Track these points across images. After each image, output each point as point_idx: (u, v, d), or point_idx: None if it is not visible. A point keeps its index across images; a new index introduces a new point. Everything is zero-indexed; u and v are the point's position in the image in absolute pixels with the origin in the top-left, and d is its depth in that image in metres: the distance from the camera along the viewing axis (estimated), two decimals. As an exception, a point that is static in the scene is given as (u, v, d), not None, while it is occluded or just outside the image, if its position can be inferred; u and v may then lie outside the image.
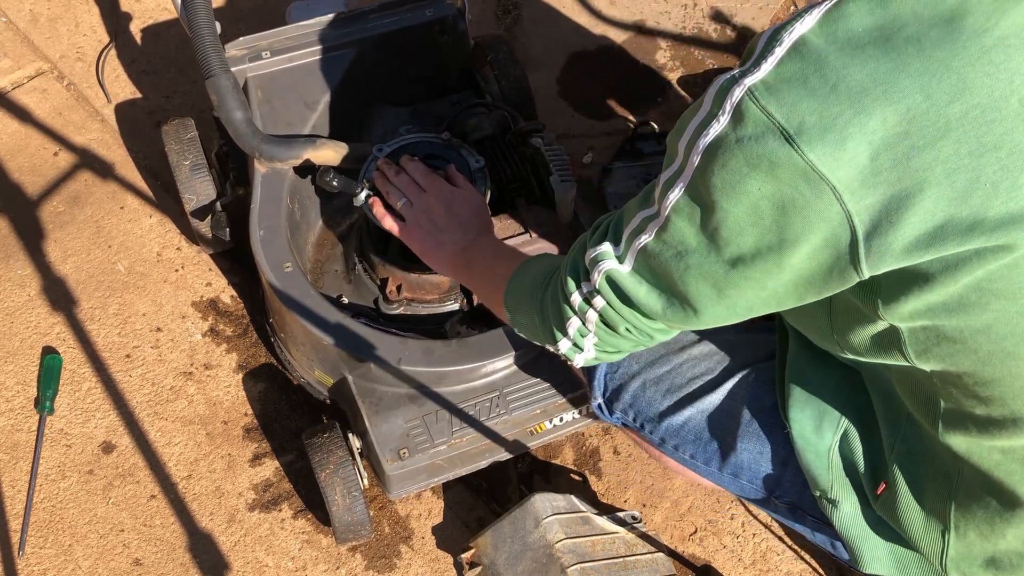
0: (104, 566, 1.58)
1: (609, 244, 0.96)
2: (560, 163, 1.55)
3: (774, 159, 0.76)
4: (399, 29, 1.71)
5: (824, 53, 0.76)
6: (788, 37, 0.78)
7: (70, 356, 1.76)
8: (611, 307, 0.98)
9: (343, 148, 1.61)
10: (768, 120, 0.76)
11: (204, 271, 1.88)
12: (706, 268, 0.87)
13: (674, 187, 0.86)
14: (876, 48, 0.75)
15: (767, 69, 0.78)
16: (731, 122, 0.79)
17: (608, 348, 1.05)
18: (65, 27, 2.22)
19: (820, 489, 1.16)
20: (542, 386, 1.55)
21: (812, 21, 0.78)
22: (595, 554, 1.53)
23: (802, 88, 0.76)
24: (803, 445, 1.15)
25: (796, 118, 0.75)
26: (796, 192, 0.77)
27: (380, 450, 1.48)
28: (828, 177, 0.75)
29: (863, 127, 0.74)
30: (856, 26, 0.76)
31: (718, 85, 0.81)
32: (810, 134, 0.75)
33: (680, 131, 0.86)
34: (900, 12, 0.76)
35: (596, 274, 0.97)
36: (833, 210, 0.77)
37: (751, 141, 0.78)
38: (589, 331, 1.03)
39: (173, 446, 1.69)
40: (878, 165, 0.75)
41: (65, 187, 1.97)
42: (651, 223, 0.90)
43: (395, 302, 1.61)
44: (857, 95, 0.74)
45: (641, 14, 2.36)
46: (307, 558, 1.60)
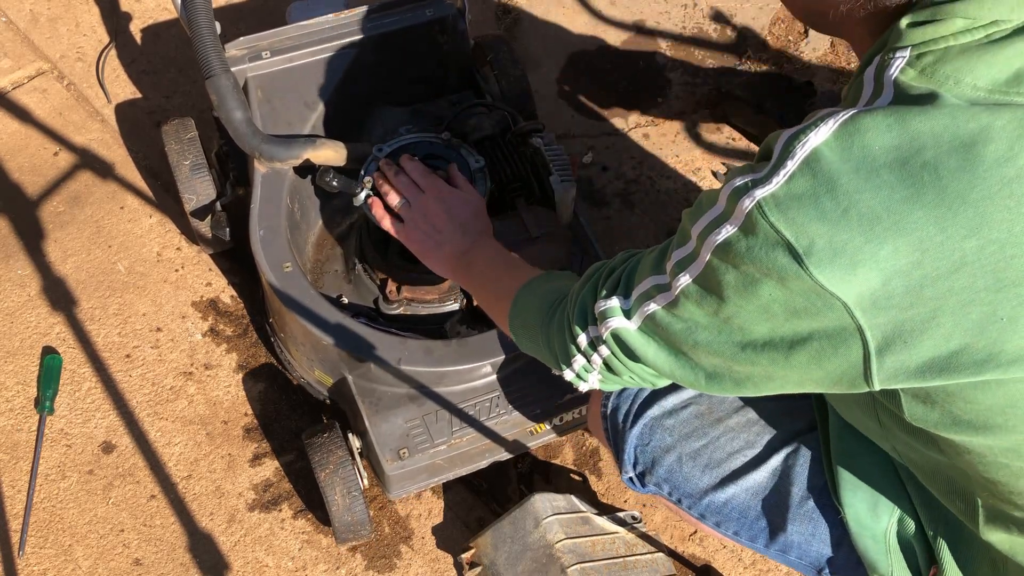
0: (104, 566, 1.58)
1: (618, 299, 0.94)
2: (560, 163, 1.55)
3: (783, 273, 0.75)
4: (399, 29, 1.71)
5: (837, 173, 0.73)
6: (801, 150, 0.75)
7: (70, 356, 1.76)
8: (616, 358, 0.97)
9: (343, 148, 1.61)
10: (777, 236, 0.75)
11: (204, 271, 1.88)
12: (715, 347, 0.86)
13: (685, 271, 0.85)
14: (891, 173, 0.72)
15: (778, 182, 0.75)
16: (741, 229, 0.77)
17: (612, 385, 1.04)
18: (65, 27, 2.22)
19: (879, 573, 1.13)
20: (542, 386, 1.55)
21: (827, 132, 0.75)
22: (595, 554, 1.53)
23: (812, 208, 0.74)
24: (859, 530, 1.13)
25: (805, 239, 0.73)
26: (807, 302, 0.76)
27: (380, 450, 1.48)
28: (839, 295, 0.74)
29: (874, 255, 0.72)
30: (872, 143, 0.73)
31: (732, 187, 0.79)
32: (819, 256, 0.73)
33: (695, 216, 0.84)
34: (919, 131, 0.73)
35: (603, 328, 0.95)
36: (845, 321, 0.75)
37: (761, 252, 0.76)
38: (593, 369, 1.01)
39: (173, 446, 1.69)
40: (890, 290, 0.73)
41: (65, 187, 1.97)
42: (661, 293, 0.89)
43: (395, 302, 1.61)
44: (869, 223, 0.72)
45: (641, 14, 2.36)
46: (307, 558, 1.60)
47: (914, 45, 0.76)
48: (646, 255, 0.96)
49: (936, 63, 0.75)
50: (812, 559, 1.22)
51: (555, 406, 1.55)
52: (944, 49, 0.75)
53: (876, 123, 0.74)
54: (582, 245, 1.63)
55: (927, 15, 0.76)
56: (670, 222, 2.01)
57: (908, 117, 0.73)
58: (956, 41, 0.75)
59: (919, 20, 0.77)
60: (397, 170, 1.47)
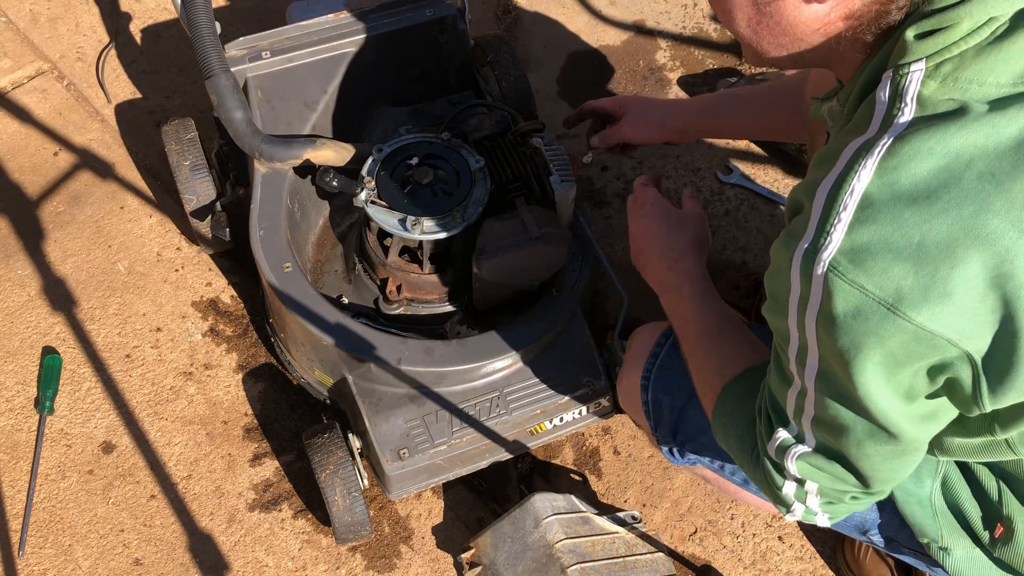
0: (104, 566, 1.58)
1: (783, 431, 0.93)
2: (560, 163, 1.55)
3: (880, 332, 0.74)
4: (399, 29, 1.71)
5: (896, 210, 0.73)
6: (850, 199, 0.74)
7: (70, 356, 1.76)
8: (825, 489, 0.95)
9: (343, 148, 1.61)
10: (861, 294, 0.74)
11: (204, 271, 1.88)
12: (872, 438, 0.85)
13: (807, 363, 0.84)
14: (950, 192, 0.72)
15: (839, 238, 0.74)
16: (824, 300, 0.76)
17: (840, 516, 1.02)
18: (65, 27, 2.22)
19: (928, 538, 1.13)
20: (542, 386, 1.55)
21: (869, 174, 0.74)
22: (595, 554, 1.53)
23: (887, 252, 0.72)
24: (904, 497, 1.13)
25: (891, 285, 0.73)
26: (910, 351, 0.75)
27: (380, 450, 1.48)
28: (941, 332, 0.73)
29: (964, 276, 0.72)
30: (919, 170, 0.73)
31: (798, 263, 0.77)
32: (912, 298, 0.72)
33: (780, 310, 0.83)
34: (963, 147, 0.73)
35: (789, 463, 0.94)
36: (952, 353, 0.75)
37: (851, 319, 0.75)
38: (816, 512, 0.99)
39: (173, 446, 1.69)
40: (989, 305, 0.73)
41: (65, 187, 1.97)
42: (805, 400, 0.88)
43: (395, 302, 1.61)
44: (948, 247, 0.71)
45: (641, 14, 2.36)
46: (307, 558, 1.60)
47: (928, 56, 0.76)
48: (770, 377, 0.94)
49: (956, 70, 0.75)
50: (856, 521, 1.22)
51: (555, 406, 1.55)
52: (960, 55, 0.75)
53: (916, 150, 0.73)
54: (582, 245, 1.63)
55: (933, 24, 0.76)
56: (670, 222, 2.01)
57: (947, 136, 0.73)
58: (968, 44, 0.75)
59: (926, 30, 0.76)
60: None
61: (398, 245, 1.57)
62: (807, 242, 0.77)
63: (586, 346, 1.58)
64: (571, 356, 1.57)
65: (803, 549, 1.65)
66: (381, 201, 1.52)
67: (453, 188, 1.54)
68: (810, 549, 1.65)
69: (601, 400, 1.57)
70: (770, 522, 1.67)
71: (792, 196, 0.84)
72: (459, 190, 1.54)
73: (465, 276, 1.59)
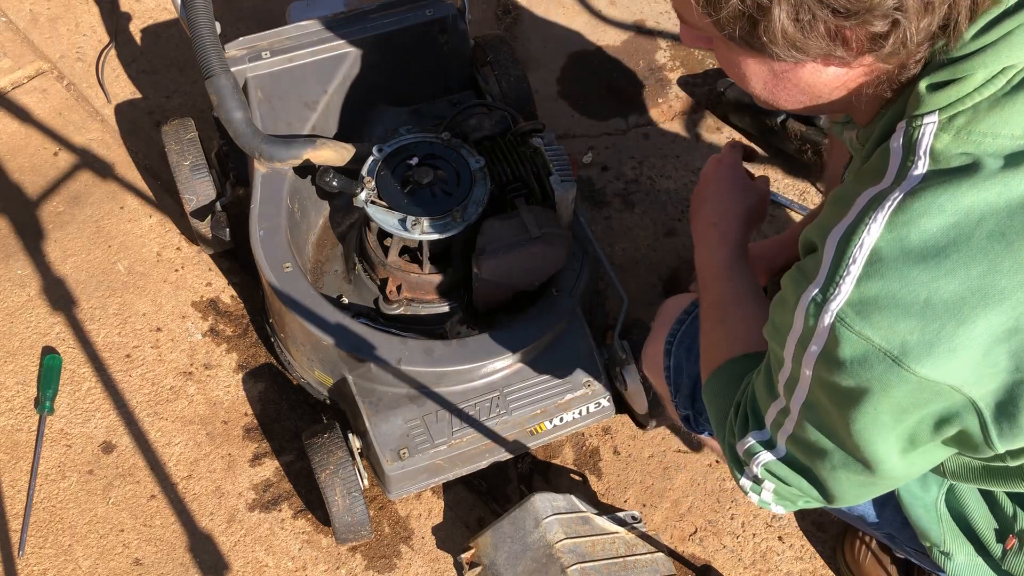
0: (104, 566, 1.58)
1: (755, 434, 0.95)
2: (560, 163, 1.55)
3: (885, 381, 0.75)
4: (399, 29, 1.71)
5: (905, 267, 0.73)
6: (859, 252, 0.75)
7: (70, 356, 1.76)
8: (782, 491, 0.97)
9: (343, 148, 1.61)
10: (868, 345, 0.74)
11: (204, 271, 1.88)
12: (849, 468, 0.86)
13: (795, 392, 0.85)
14: (960, 252, 0.72)
15: (847, 289, 0.75)
16: (828, 345, 0.77)
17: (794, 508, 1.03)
18: (65, 27, 2.22)
19: (931, 541, 1.14)
20: (542, 386, 1.55)
21: (879, 228, 0.74)
22: (595, 554, 1.53)
23: (894, 308, 0.73)
24: (910, 500, 1.14)
25: (897, 339, 0.73)
26: (914, 397, 0.76)
27: (380, 450, 1.48)
28: (944, 382, 0.74)
29: (970, 335, 0.72)
30: (929, 227, 0.73)
31: (802, 304, 0.78)
32: (917, 352, 0.73)
33: (779, 338, 0.84)
34: (974, 205, 0.73)
35: (755, 466, 0.96)
36: (956, 399, 0.75)
37: (856, 366, 0.76)
38: (770, 503, 1.01)
39: (173, 446, 1.69)
40: (993, 359, 0.73)
41: (65, 187, 1.97)
42: (787, 417, 0.89)
43: (395, 302, 1.61)
44: (955, 306, 0.72)
45: (641, 14, 2.36)
46: (307, 558, 1.60)
47: (941, 108, 0.76)
48: (756, 380, 0.95)
49: (969, 123, 0.75)
50: (860, 515, 1.24)
51: (555, 406, 1.55)
52: (973, 107, 0.75)
53: (927, 206, 0.73)
54: (582, 245, 1.63)
55: (946, 75, 0.75)
56: (670, 222, 2.01)
57: (958, 193, 0.73)
58: (981, 96, 0.75)
59: (939, 81, 0.76)
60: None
61: (398, 245, 1.57)
62: (816, 288, 0.78)
63: (586, 346, 1.58)
64: (571, 356, 1.57)
65: (803, 549, 1.65)
66: (381, 201, 1.52)
67: (453, 188, 1.55)
68: (810, 549, 1.65)
69: (601, 400, 1.57)
70: (770, 522, 1.67)
71: (807, 235, 0.84)
72: (459, 190, 1.54)
73: (465, 276, 1.59)
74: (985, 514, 1.11)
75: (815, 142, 2.00)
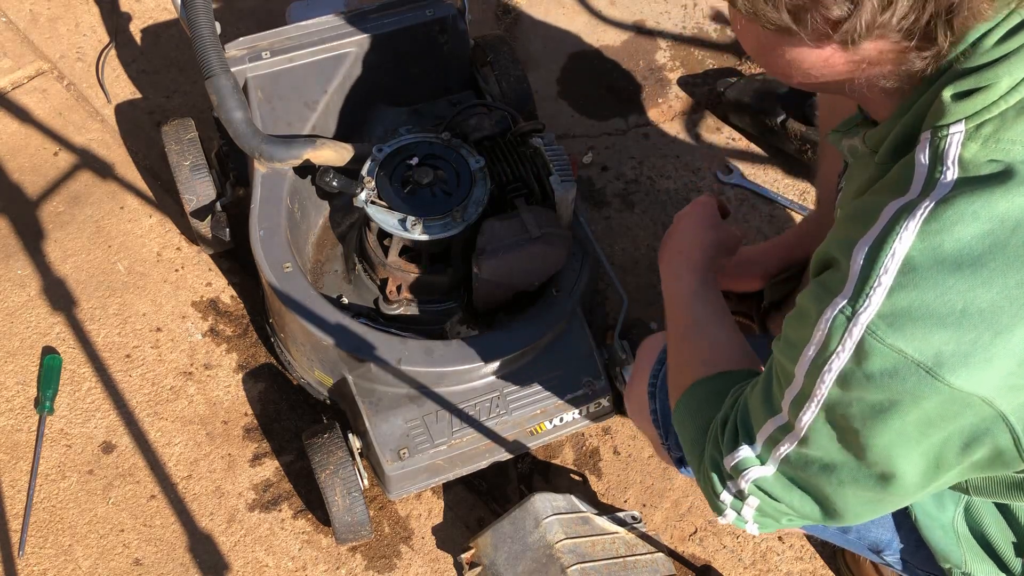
0: (104, 566, 1.58)
1: (746, 448, 0.92)
2: (560, 163, 1.55)
3: (917, 393, 0.74)
4: (399, 29, 1.71)
5: (939, 276, 0.72)
6: (891, 262, 0.73)
7: (70, 356, 1.76)
8: (768, 507, 0.95)
9: (343, 148, 1.61)
10: (900, 357, 0.73)
11: (204, 271, 1.88)
12: (860, 480, 0.84)
13: (805, 409, 0.83)
14: (996, 260, 0.71)
15: (879, 301, 0.74)
16: (855, 359, 0.76)
17: (771, 529, 1.01)
18: (65, 27, 2.22)
19: (951, 563, 1.13)
20: (542, 386, 1.55)
21: (911, 237, 0.73)
22: (595, 554, 1.53)
23: (928, 319, 0.72)
24: (927, 522, 1.12)
25: (931, 350, 0.72)
26: (943, 412, 0.75)
27: (380, 450, 1.48)
28: (977, 392, 0.73)
29: (1007, 345, 0.72)
30: (963, 236, 0.72)
31: (830, 320, 0.76)
32: (952, 363, 0.72)
33: (792, 353, 0.82)
34: (1008, 211, 0.72)
35: (742, 481, 0.94)
36: (987, 413, 0.74)
37: (886, 379, 0.74)
38: (747, 521, 0.99)
39: (173, 446, 1.69)
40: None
41: (65, 187, 1.97)
42: (787, 435, 0.87)
43: (395, 302, 1.61)
44: (991, 316, 0.71)
45: (641, 14, 2.36)
46: (307, 558, 1.60)
47: (967, 117, 0.75)
48: (749, 395, 0.93)
49: (998, 131, 0.74)
50: (871, 541, 1.22)
51: (555, 406, 1.55)
52: (1000, 115, 0.74)
53: (960, 214, 0.72)
54: (582, 245, 1.63)
55: (971, 83, 0.75)
56: (670, 222, 2.00)
57: (992, 200, 0.72)
58: (1008, 103, 0.74)
59: (964, 90, 0.75)
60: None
61: (398, 245, 1.57)
62: (844, 300, 0.76)
63: (586, 346, 1.58)
64: (571, 356, 1.57)
65: (803, 549, 1.65)
66: (381, 201, 1.52)
67: (453, 188, 1.55)
68: (810, 549, 1.65)
69: (601, 400, 1.57)
70: (770, 522, 1.67)
71: (823, 251, 0.82)
72: (459, 190, 1.54)
73: (465, 276, 1.59)
74: (1003, 529, 1.09)
75: (815, 142, 2.00)
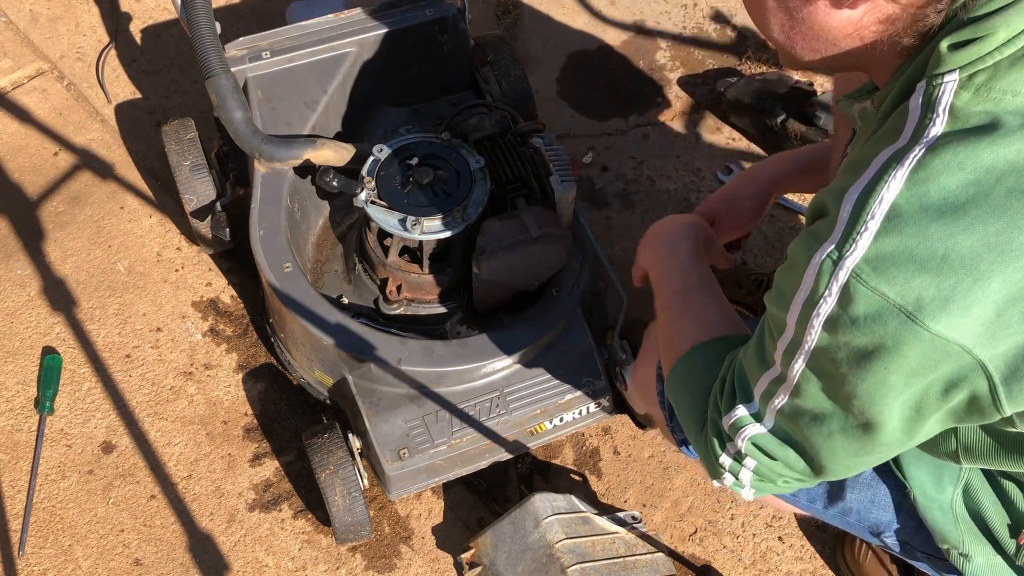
0: (104, 566, 1.58)
1: (743, 407, 0.94)
2: (560, 163, 1.55)
3: (898, 338, 0.75)
4: (399, 29, 1.71)
5: (923, 222, 0.73)
6: (879, 208, 0.75)
7: (70, 356, 1.76)
8: (764, 467, 0.96)
9: (343, 148, 1.61)
10: (883, 300, 0.74)
11: (204, 271, 1.88)
12: (847, 433, 0.86)
13: (796, 358, 0.84)
14: (978, 208, 0.72)
15: (864, 245, 0.75)
16: (840, 303, 0.77)
17: (766, 493, 1.03)
18: (65, 27, 2.22)
19: (949, 543, 1.14)
20: (542, 386, 1.55)
21: (899, 185, 0.75)
22: (595, 554, 1.53)
23: (911, 264, 0.73)
24: (926, 503, 1.13)
25: (912, 294, 0.73)
26: (925, 357, 0.76)
27: (380, 450, 1.48)
28: (956, 340, 0.74)
29: (985, 291, 0.72)
30: (948, 184, 0.73)
31: (814, 262, 0.78)
32: (932, 308, 0.73)
33: (782, 302, 0.84)
34: (994, 162, 0.73)
35: (740, 441, 0.95)
36: (965, 361, 0.75)
37: (869, 322, 0.76)
38: (744, 484, 1.00)
39: (173, 446, 1.69)
40: (1006, 319, 0.73)
41: (65, 187, 1.97)
42: (781, 386, 0.89)
43: (395, 302, 1.61)
44: (971, 262, 0.72)
45: (641, 14, 2.36)
46: (307, 558, 1.60)
47: (962, 67, 0.76)
48: (745, 354, 0.95)
49: (990, 80, 0.75)
50: (871, 523, 1.23)
51: (555, 406, 1.55)
52: (994, 65, 0.75)
53: (946, 163, 0.73)
54: (582, 245, 1.63)
55: (968, 34, 0.75)
56: (670, 222, 2.01)
57: (977, 150, 0.73)
58: (1003, 54, 0.75)
59: (961, 40, 0.76)
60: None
61: (398, 245, 1.57)
62: (831, 245, 0.77)
63: (586, 346, 1.58)
64: (571, 356, 1.57)
65: (803, 549, 1.65)
66: (381, 201, 1.52)
67: (453, 188, 1.55)
68: (810, 549, 1.65)
69: (601, 400, 1.57)
70: (770, 522, 1.67)
71: (817, 200, 0.83)
72: (459, 190, 1.54)
73: (465, 276, 1.59)
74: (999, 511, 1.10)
75: (815, 142, 2.00)
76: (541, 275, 1.57)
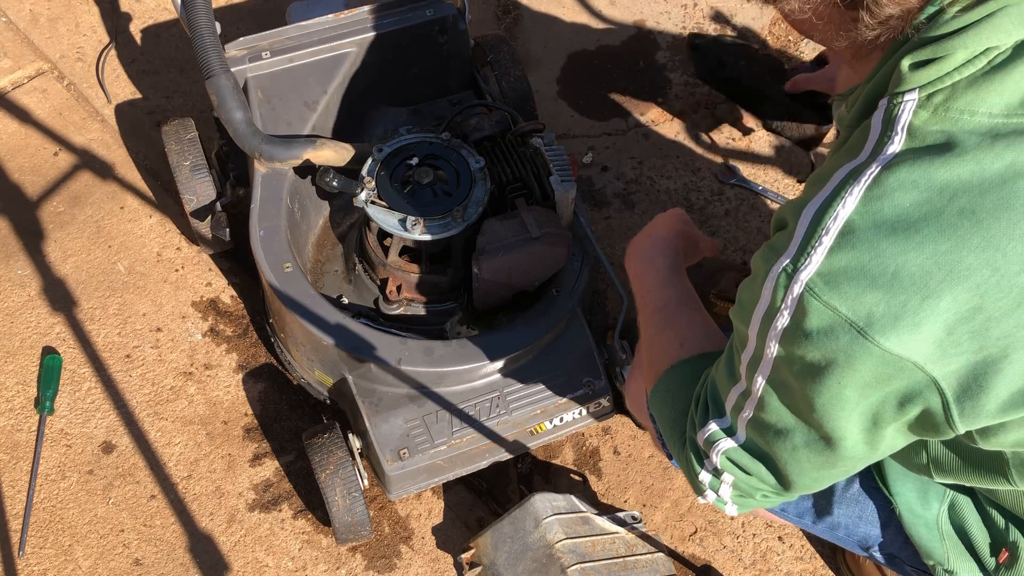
0: (104, 566, 1.58)
1: (716, 422, 0.95)
2: (560, 163, 1.55)
3: (849, 352, 0.75)
4: (399, 29, 1.71)
5: (876, 239, 0.74)
6: (833, 224, 0.76)
7: (70, 356, 1.76)
8: (740, 482, 0.97)
9: (343, 148, 1.61)
10: (835, 315, 0.75)
11: (204, 271, 1.88)
12: (810, 447, 0.86)
13: (759, 371, 0.85)
14: (930, 226, 0.73)
15: (818, 260, 0.76)
16: (794, 317, 0.78)
17: (748, 508, 1.03)
18: (65, 27, 2.22)
19: (935, 560, 1.14)
20: (542, 386, 1.55)
21: (854, 201, 0.75)
22: (595, 554, 1.53)
23: (862, 279, 0.74)
24: (911, 519, 1.14)
25: (863, 310, 0.74)
26: (877, 371, 0.76)
27: (380, 450, 1.48)
28: (907, 356, 0.74)
29: (934, 309, 0.73)
30: (902, 202, 0.74)
31: (771, 275, 0.79)
32: (881, 324, 0.74)
33: (744, 316, 0.85)
34: (947, 181, 0.73)
35: (715, 456, 0.96)
36: (919, 377, 0.76)
37: (821, 336, 0.76)
38: (726, 501, 1.01)
39: (173, 446, 1.69)
40: (956, 338, 0.74)
41: (65, 187, 1.97)
42: (747, 400, 0.89)
43: (395, 302, 1.61)
44: (921, 280, 0.73)
45: (641, 14, 2.36)
46: (307, 558, 1.60)
47: (921, 86, 0.76)
48: (717, 369, 0.95)
49: (947, 100, 0.75)
50: (859, 538, 1.24)
51: (555, 406, 1.55)
52: (952, 86, 0.75)
53: (901, 181, 0.74)
54: (582, 245, 1.63)
55: (928, 54, 0.76)
56: (670, 222, 2.01)
57: (931, 169, 0.73)
58: (961, 75, 0.75)
59: (921, 60, 0.76)
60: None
61: (398, 245, 1.57)
62: (787, 259, 0.78)
63: (586, 346, 1.58)
64: (571, 356, 1.57)
65: (803, 549, 1.65)
66: (381, 201, 1.52)
67: (453, 188, 1.55)
68: (810, 549, 1.65)
69: (601, 400, 1.57)
70: (770, 522, 1.67)
71: (779, 213, 0.85)
72: (459, 190, 1.54)
73: (465, 276, 1.59)
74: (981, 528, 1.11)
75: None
76: (541, 275, 1.57)
